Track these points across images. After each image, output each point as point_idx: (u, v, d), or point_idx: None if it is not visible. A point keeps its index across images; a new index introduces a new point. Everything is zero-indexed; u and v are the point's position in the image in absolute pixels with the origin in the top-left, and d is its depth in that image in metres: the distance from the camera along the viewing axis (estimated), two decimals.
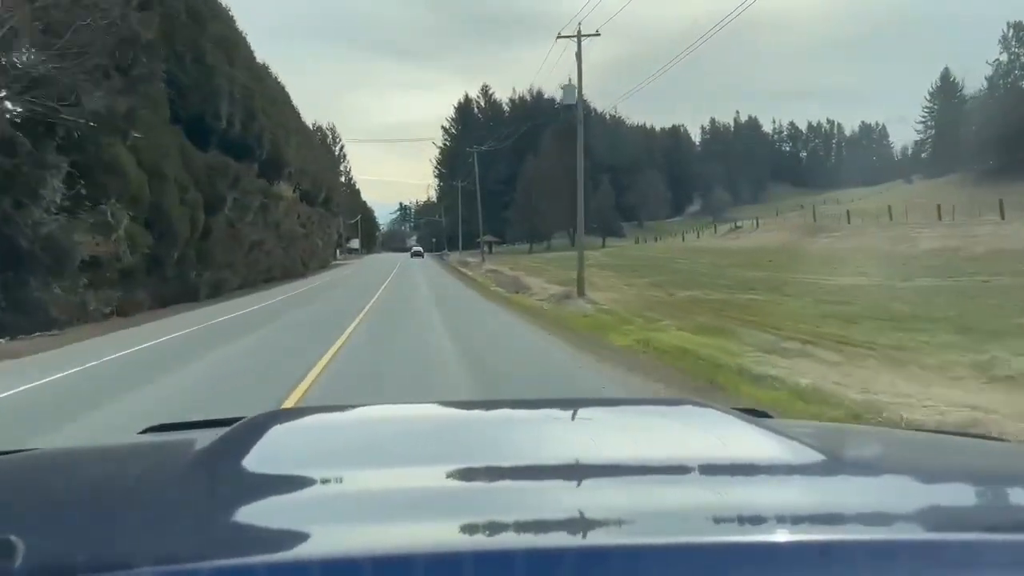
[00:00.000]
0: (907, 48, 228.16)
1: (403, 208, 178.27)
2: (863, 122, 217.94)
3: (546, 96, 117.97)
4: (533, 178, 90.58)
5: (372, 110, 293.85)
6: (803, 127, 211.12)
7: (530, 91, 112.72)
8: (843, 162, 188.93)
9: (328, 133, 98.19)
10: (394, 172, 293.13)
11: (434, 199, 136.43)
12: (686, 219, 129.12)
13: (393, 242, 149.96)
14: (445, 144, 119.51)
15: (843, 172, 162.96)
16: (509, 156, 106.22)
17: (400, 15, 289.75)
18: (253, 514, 0.98)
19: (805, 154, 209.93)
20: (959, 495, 1.09)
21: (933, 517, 0.93)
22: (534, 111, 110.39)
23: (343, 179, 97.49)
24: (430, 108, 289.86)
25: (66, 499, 1.12)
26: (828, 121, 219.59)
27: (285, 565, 0.75)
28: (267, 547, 0.83)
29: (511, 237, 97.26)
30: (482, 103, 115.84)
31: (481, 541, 0.84)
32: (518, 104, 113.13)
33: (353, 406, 1.80)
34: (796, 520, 0.87)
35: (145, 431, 1.74)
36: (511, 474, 1.13)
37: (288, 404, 7.56)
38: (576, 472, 1.16)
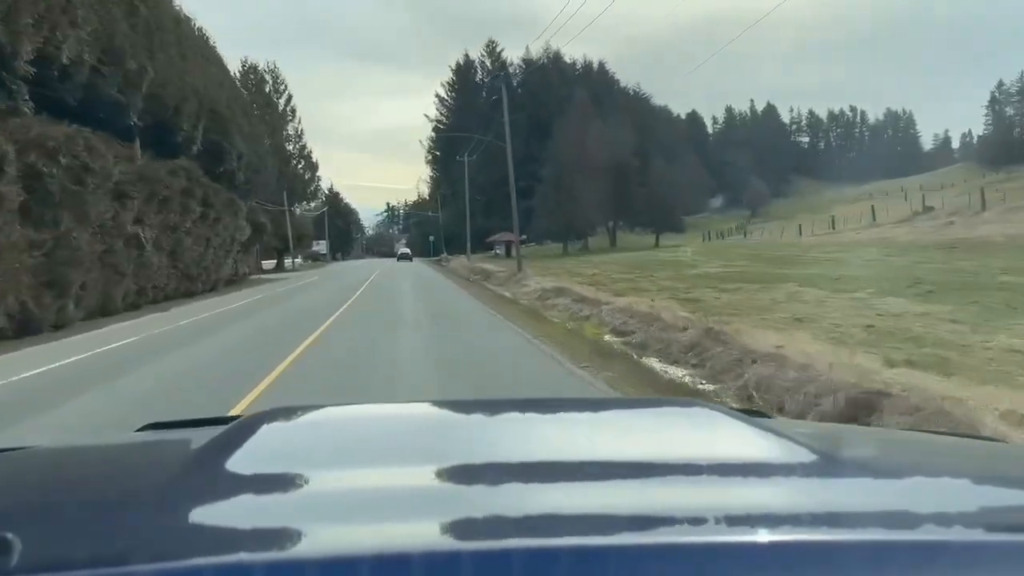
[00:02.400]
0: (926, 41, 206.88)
1: (390, 209, 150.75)
2: (889, 109, 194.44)
3: (567, 59, 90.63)
4: (569, 159, 62.60)
5: (357, 115, 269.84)
6: (821, 116, 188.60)
7: (546, 52, 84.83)
8: (871, 153, 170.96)
9: (268, 77, 62.88)
10: (380, 177, 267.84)
11: (425, 195, 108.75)
12: (712, 214, 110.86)
13: (379, 246, 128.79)
14: (440, 120, 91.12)
15: (872, 163, 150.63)
16: (525, 135, 78.80)
17: (384, 20, 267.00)
18: (250, 512, 0.94)
19: (823, 145, 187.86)
20: (957, 496, 1.03)
21: (931, 518, 0.88)
22: (551, 78, 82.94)
23: (291, 148, 65.57)
24: (416, 113, 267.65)
25: (63, 496, 1.08)
26: (851, 108, 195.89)
27: (282, 563, 0.73)
28: (264, 545, 0.80)
29: (535, 234, 69.47)
30: (488, 64, 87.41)
31: (479, 540, 0.80)
32: (534, 65, 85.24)
33: (351, 404, 1.77)
34: (793, 520, 0.84)
35: (141, 429, 1.64)
36: (508, 472, 1.06)
37: None
38: (573, 471, 1.09)
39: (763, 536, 0.75)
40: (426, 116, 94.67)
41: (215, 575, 0.70)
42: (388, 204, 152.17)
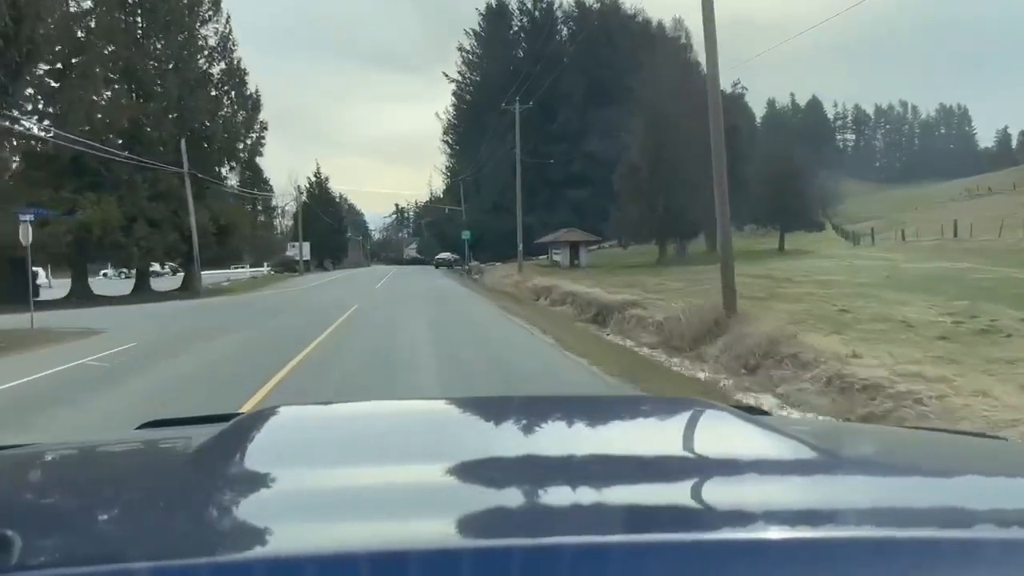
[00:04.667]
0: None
1: (399, 211, 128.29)
2: (942, 104, 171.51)
3: (626, 9, 68.11)
4: (664, 130, 39.92)
5: (365, 121, 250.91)
6: (868, 111, 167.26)
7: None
8: (924, 151, 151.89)
9: None
10: (387, 183, 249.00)
11: (439, 192, 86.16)
12: None
13: (387, 251, 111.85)
14: (463, 82, 68.60)
15: (923, 163, 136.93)
16: (580, 103, 56.93)
17: (393, 26, 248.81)
18: (250, 510, 0.93)
19: (862, 144, 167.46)
20: (957, 493, 1.01)
21: (931, 515, 0.88)
22: (612, 28, 60.71)
23: (206, 64, 37.31)
24: (422, 118, 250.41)
25: (63, 494, 1.07)
26: (900, 103, 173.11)
27: (281, 561, 0.71)
28: (263, 543, 0.79)
29: (611, 233, 47.09)
30: (529, 5, 64.48)
31: (480, 538, 0.80)
32: (586, 11, 62.91)
33: (352, 402, 1.71)
34: (794, 517, 0.82)
35: (142, 427, 1.63)
36: (510, 470, 1.05)
37: None
38: (573, 468, 1.07)
39: (765, 533, 0.74)
40: (445, 75, 71.81)
41: (215, 573, 0.68)
42: (397, 206, 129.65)
